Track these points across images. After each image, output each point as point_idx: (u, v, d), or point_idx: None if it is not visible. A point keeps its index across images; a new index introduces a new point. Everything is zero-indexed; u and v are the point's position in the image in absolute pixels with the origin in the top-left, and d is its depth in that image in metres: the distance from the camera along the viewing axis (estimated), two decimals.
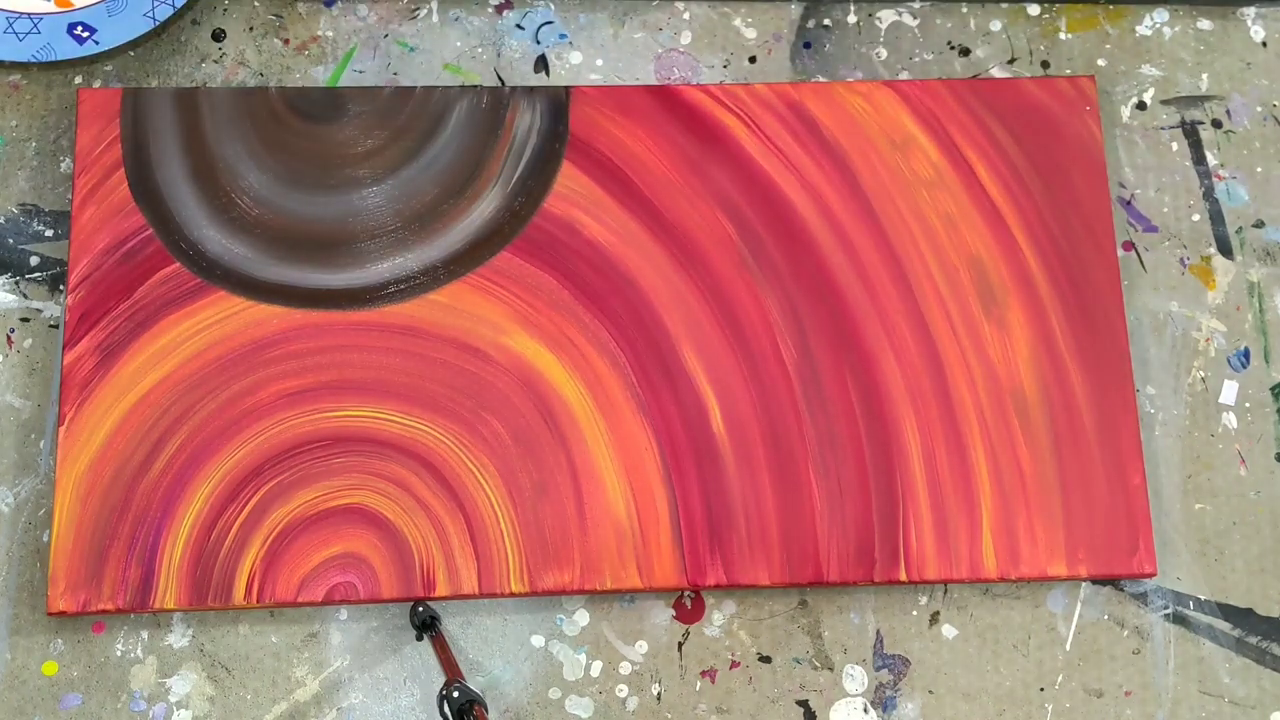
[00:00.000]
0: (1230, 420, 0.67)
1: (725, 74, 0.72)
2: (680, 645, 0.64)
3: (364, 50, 0.71)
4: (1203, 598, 0.65)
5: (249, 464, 0.63)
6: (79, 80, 0.70)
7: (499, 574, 0.62)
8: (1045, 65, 0.72)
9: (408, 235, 0.67)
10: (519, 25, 0.72)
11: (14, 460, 0.64)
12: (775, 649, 0.64)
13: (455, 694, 0.56)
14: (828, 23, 0.73)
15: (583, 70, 0.71)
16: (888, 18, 0.73)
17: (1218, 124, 0.72)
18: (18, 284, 0.67)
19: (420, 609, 0.62)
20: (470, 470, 0.64)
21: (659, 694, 0.63)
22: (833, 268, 0.67)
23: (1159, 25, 0.73)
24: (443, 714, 0.56)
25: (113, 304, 0.65)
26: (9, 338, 0.66)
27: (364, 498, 0.63)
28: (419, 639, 0.63)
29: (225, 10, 0.72)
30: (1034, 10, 0.73)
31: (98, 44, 0.69)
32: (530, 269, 0.67)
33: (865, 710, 0.63)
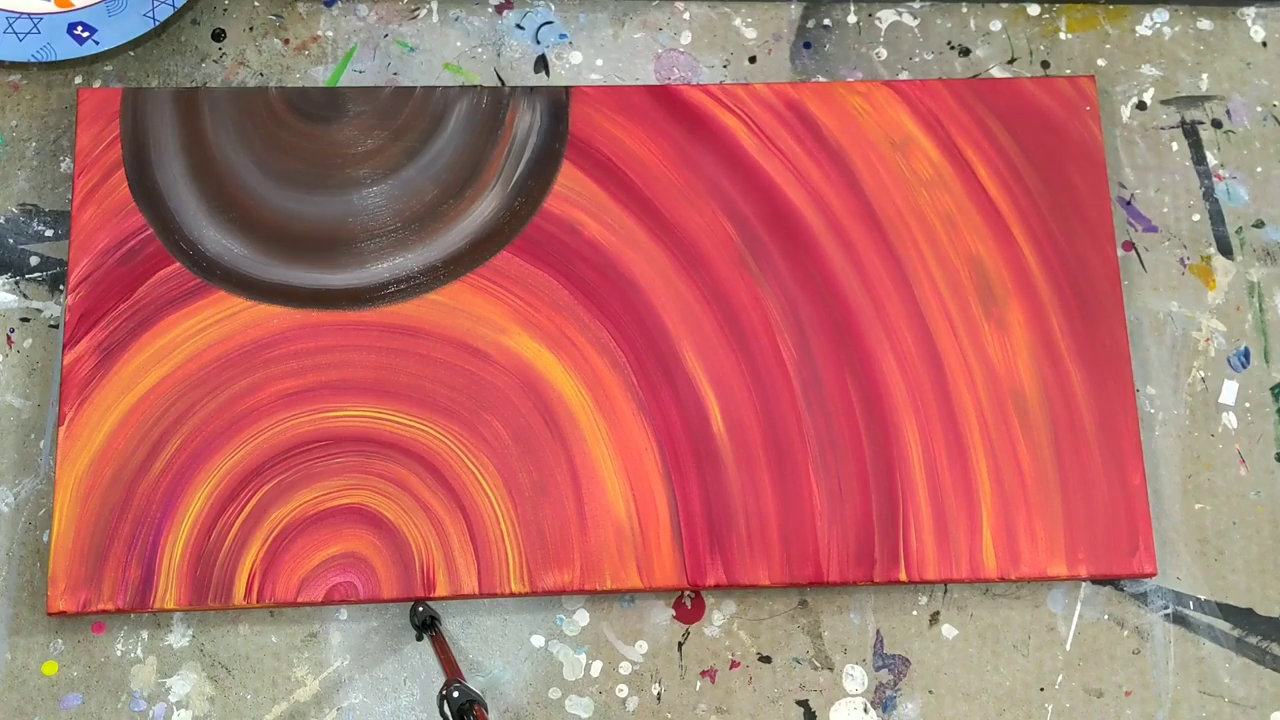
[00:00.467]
0: (1230, 420, 0.67)
1: (725, 74, 0.72)
2: (680, 645, 0.64)
3: (364, 50, 0.71)
4: (1203, 598, 0.65)
5: (249, 464, 0.63)
6: (79, 80, 0.70)
7: (499, 574, 0.62)
8: (1045, 65, 0.72)
9: (408, 235, 0.67)
10: (519, 25, 0.72)
11: (14, 460, 0.64)
12: (775, 649, 0.64)
13: (455, 694, 0.56)
14: (828, 23, 0.73)
15: (583, 70, 0.71)
16: (888, 18, 0.73)
17: (1218, 124, 0.72)
18: (18, 284, 0.67)
19: (420, 609, 0.62)
20: (470, 470, 0.64)
21: (659, 694, 0.63)
22: (833, 268, 0.67)
23: (1159, 25, 0.73)
24: (443, 714, 0.56)
25: (113, 304, 0.65)
26: (9, 338, 0.66)
27: (364, 498, 0.63)
28: (419, 639, 0.63)
29: (225, 10, 0.72)
30: (1034, 10, 0.73)
31: (98, 44, 0.69)
32: (530, 269, 0.67)
33: (865, 710, 0.63)
